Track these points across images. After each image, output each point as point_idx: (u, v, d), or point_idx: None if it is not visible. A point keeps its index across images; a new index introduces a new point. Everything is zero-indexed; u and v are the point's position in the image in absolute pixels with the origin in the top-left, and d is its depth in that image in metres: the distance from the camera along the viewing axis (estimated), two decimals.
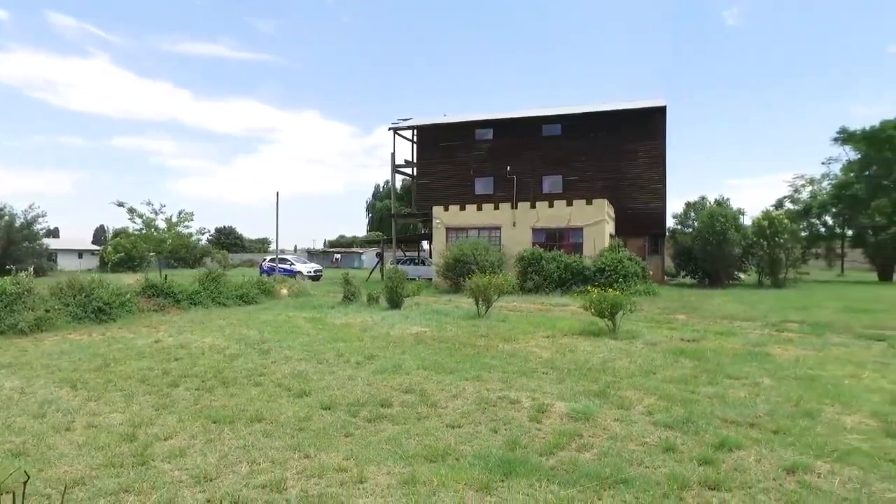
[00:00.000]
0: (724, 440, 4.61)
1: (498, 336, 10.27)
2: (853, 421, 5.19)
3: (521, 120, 30.97)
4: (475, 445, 4.62)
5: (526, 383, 6.74)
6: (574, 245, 24.05)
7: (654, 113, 28.65)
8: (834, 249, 37.39)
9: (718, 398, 5.96)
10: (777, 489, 3.74)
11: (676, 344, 9.37)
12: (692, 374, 7.11)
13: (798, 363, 7.76)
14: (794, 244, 26.11)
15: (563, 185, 29.88)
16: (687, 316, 13.50)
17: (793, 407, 5.60)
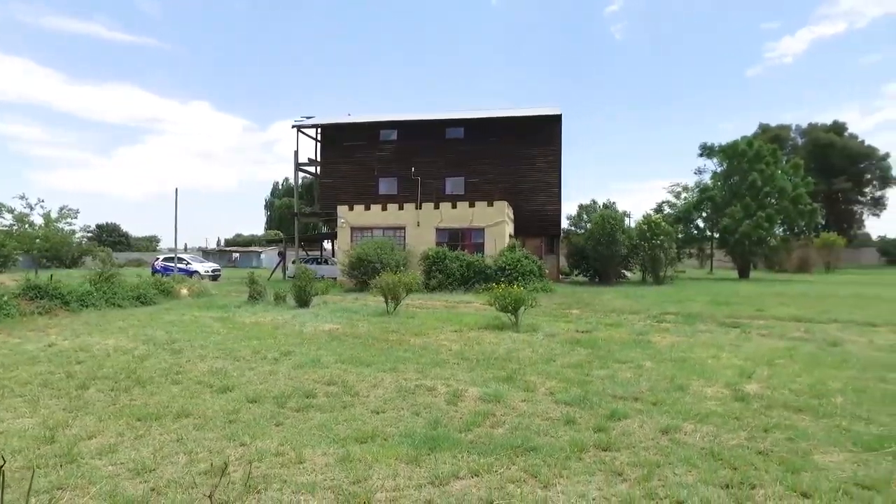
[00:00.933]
0: (614, 412, 5.42)
1: (409, 331, 10.77)
2: (712, 391, 6.24)
3: (425, 122, 31.67)
4: (400, 427, 5.08)
5: (440, 373, 7.29)
6: (476, 245, 25.09)
7: (552, 120, 30.43)
8: (704, 250, 41.57)
9: (609, 379, 6.84)
10: (654, 446, 4.55)
11: (572, 335, 10.34)
12: (586, 360, 8.01)
13: (673, 348, 8.94)
14: (671, 245, 28.80)
15: (465, 186, 30.93)
16: (581, 310, 14.73)
17: (668, 383, 6.59)
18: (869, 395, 6.05)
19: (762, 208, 32.36)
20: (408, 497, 3.66)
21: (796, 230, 38.35)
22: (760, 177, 32.83)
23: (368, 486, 3.82)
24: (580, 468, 4.12)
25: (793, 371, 7.24)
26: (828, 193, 57.91)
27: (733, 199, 33.33)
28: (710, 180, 37.35)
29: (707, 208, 35.78)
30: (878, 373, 7.10)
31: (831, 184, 57.99)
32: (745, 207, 32.12)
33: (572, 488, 3.77)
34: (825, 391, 6.20)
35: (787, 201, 33.03)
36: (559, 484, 3.85)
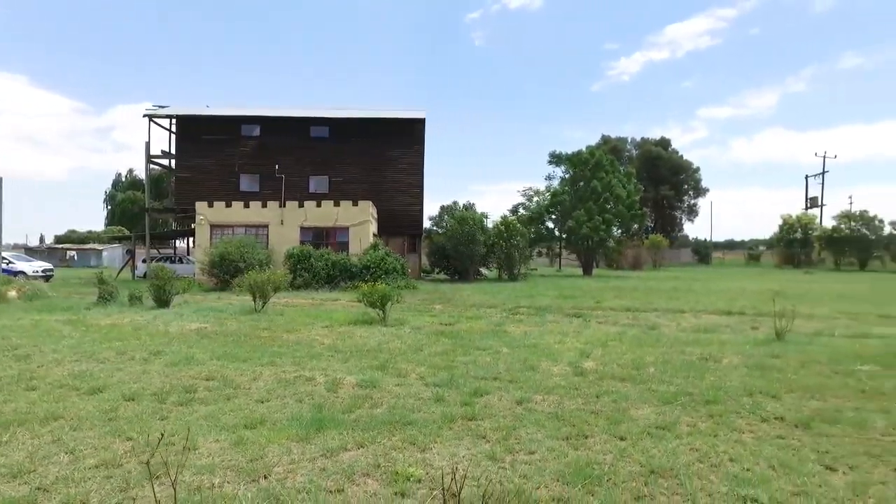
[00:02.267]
0: (477, 389, 6.26)
1: (280, 328, 10.94)
2: (558, 369, 7.36)
3: (289, 119, 31.13)
4: (286, 413, 5.47)
5: (316, 364, 7.69)
6: (341, 244, 25.32)
7: (415, 123, 31.45)
8: (553, 249, 45.36)
9: (472, 363, 7.72)
10: (511, 414, 5.42)
11: (437, 327, 11.19)
12: (451, 349, 8.85)
13: (526, 336, 10.11)
14: (524, 245, 31.15)
15: (329, 185, 30.91)
16: (443, 305, 15.72)
17: (521, 364, 7.61)
18: (672, 364, 7.55)
19: (602, 212, 36.06)
20: (304, 467, 4.13)
21: (630, 232, 43.25)
22: (601, 184, 36.55)
23: (266, 462, 4.22)
24: (451, 435, 4.84)
25: (620, 350, 8.67)
26: (655, 200, 65.73)
27: (578, 204, 36.76)
28: (559, 185, 40.78)
29: (556, 211, 39.05)
30: (681, 348, 8.78)
31: (658, 191, 65.83)
32: (588, 211, 35.61)
33: (445, 450, 4.48)
34: (642, 364, 7.60)
35: (623, 207, 37.11)
36: (434, 447, 4.54)
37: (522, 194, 44.44)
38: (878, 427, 5.04)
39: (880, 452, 4.40)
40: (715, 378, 6.82)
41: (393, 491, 3.73)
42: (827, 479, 3.96)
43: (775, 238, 53.05)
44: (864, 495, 3.71)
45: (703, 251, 64.28)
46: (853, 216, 46.04)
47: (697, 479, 3.92)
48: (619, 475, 3.98)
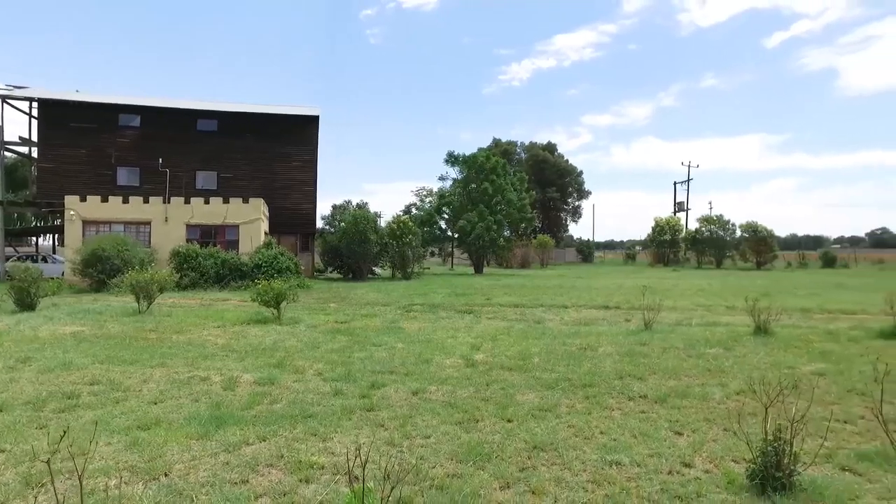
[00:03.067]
0: (374, 383, 6.52)
1: (169, 329, 10.51)
2: (450, 362, 7.80)
3: (174, 111, 29.32)
4: (183, 413, 5.42)
5: (211, 364, 7.57)
6: (230, 242, 24.39)
7: (309, 120, 30.88)
8: (446, 248, 46.38)
9: (368, 359, 7.96)
10: (407, 404, 5.74)
11: (332, 325, 11.28)
12: (347, 346, 9.02)
13: (420, 332, 10.49)
14: (418, 244, 31.64)
15: (217, 182, 29.56)
16: (338, 304, 15.75)
17: (416, 358, 7.97)
18: (555, 354, 8.26)
19: (494, 214, 37.44)
20: (206, 463, 4.18)
21: (520, 232, 45.21)
22: (492, 186, 37.92)
23: (165, 461, 4.22)
24: (351, 425, 5.08)
25: (508, 343, 9.29)
26: (543, 202, 69.05)
27: (470, 205, 37.91)
28: (452, 186, 41.79)
29: (448, 212, 40.00)
30: (563, 339, 9.57)
31: (545, 193, 69.25)
32: (481, 213, 36.84)
33: (346, 438, 4.71)
34: (528, 355, 8.24)
35: (513, 209, 38.74)
36: (335, 437, 4.75)
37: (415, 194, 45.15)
38: (716, 398, 5.94)
39: (715, 418, 5.23)
40: (591, 365, 7.56)
41: (297, 478, 3.92)
42: (675, 441, 4.67)
43: (649, 239, 57.66)
44: (701, 451, 4.45)
45: (587, 251, 68.54)
46: (712, 220, 51.20)
47: (573, 451, 4.46)
48: (506, 452, 4.43)
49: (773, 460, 3.70)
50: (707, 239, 50.33)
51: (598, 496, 3.67)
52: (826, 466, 4.19)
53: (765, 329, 10.02)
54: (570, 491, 3.75)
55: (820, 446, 4.14)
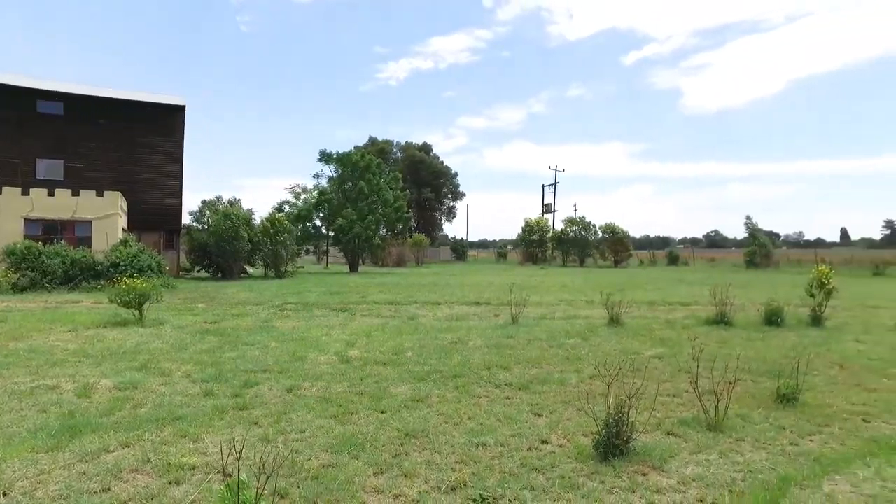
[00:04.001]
0: (247, 381, 6.42)
1: (4, 336, 9.45)
2: (325, 359, 7.85)
3: (8, 88, 25.97)
4: (26, 426, 4.96)
5: (60, 371, 6.97)
6: (82, 239, 22.19)
7: (174, 110, 28.83)
8: (321, 247, 45.52)
9: (240, 358, 7.76)
10: (282, 401, 5.74)
11: (201, 326, 10.78)
12: (218, 346, 8.71)
13: (294, 330, 10.37)
14: (292, 242, 30.81)
15: (64, 171, 26.65)
16: (207, 304, 15.00)
17: (290, 356, 7.91)
18: (427, 349, 8.60)
19: (371, 213, 37.41)
20: (58, 476, 3.91)
21: (396, 231, 45.52)
22: (368, 185, 37.87)
23: (4, 478, 3.85)
24: (223, 424, 4.99)
25: (383, 339, 9.49)
26: (418, 201, 70.07)
27: (346, 203, 37.58)
28: (327, 184, 41.11)
29: (324, 209, 39.33)
30: (435, 334, 9.97)
31: (421, 193, 70.33)
32: (358, 211, 36.65)
33: (219, 437, 4.63)
34: (401, 350, 8.50)
35: (389, 208, 38.94)
36: (207, 437, 4.66)
37: (290, 191, 43.71)
38: (572, 383, 6.59)
39: (570, 399, 5.82)
40: (462, 357, 7.98)
41: (166, 480, 3.82)
42: (535, 422, 5.15)
43: (519, 238, 60.66)
44: (557, 429, 4.96)
45: (461, 250, 70.57)
46: (576, 221, 55.10)
47: (443, 436, 4.76)
48: (379, 441, 4.62)
49: (614, 431, 4.25)
50: (571, 239, 54.01)
51: (464, 474, 3.98)
52: (656, 433, 4.86)
53: (617, 320, 11.12)
54: (439, 472, 4.03)
55: (649, 416, 4.81)
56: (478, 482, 3.86)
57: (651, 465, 4.16)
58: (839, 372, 7.42)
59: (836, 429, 5.12)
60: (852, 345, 9.37)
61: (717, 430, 4.89)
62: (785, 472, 4.08)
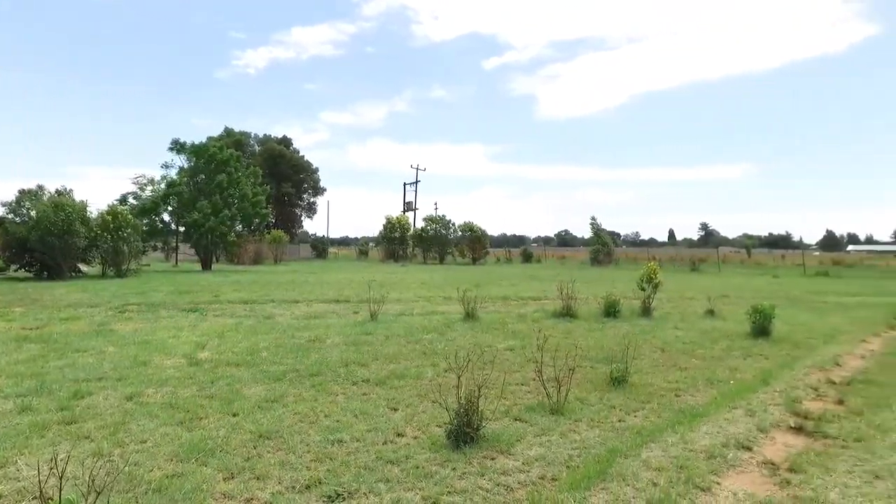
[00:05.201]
0: (77, 392, 5.79)
1: None
2: (171, 362, 7.33)
3: None
4: None
5: None
6: None
7: None
8: (170, 243, 42.03)
9: (69, 367, 6.98)
10: (120, 411, 5.27)
11: (18, 332, 9.50)
12: (40, 354, 7.74)
13: (136, 333, 9.53)
14: (136, 238, 28.15)
15: None
16: (26, 308, 13.23)
17: (131, 361, 7.27)
18: (284, 348, 8.37)
19: (227, 207, 35.30)
20: None
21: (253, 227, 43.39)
22: (227, 179, 35.70)
23: None
24: (44, 443, 4.47)
25: (236, 339, 9.06)
26: (277, 196, 67.40)
27: (200, 197, 35.13)
28: (178, 176, 38.11)
29: (173, 202, 36.44)
30: (292, 333, 9.73)
31: (280, 188, 67.77)
32: (214, 206, 34.40)
33: (37, 459, 4.14)
34: (256, 350, 8.19)
35: (247, 203, 37.01)
36: (20, 460, 4.14)
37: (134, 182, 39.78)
38: (428, 376, 6.80)
39: (426, 393, 5.99)
40: (319, 355, 7.87)
41: None
42: (391, 416, 5.26)
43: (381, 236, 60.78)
44: (412, 422, 5.11)
45: (321, 247, 69.09)
46: (436, 219, 56.47)
47: (298, 435, 4.69)
48: (231, 444, 4.44)
49: (465, 420, 4.48)
50: (432, 237, 55.28)
51: (320, 472, 3.96)
52: (505, 419, 5.20)
53: (473, 315, 11.61)
54: (294, 471, 3.97)
55: (499, 404, 5.13)
56: (333, 479, 3.87)
57: (499, 450, 4.44)
58: (661, 355, 8.44)
59: (655, 404, 5.83)
60: (672, 331, 10.66)
61: (558, 414, 5.33)
62: (612, 445, 4.58)
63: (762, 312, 10.21)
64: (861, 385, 6.81)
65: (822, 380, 7.09)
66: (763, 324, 10.17)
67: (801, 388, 6.60)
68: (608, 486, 3.81)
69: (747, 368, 7.69)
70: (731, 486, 3.88)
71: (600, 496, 3.67)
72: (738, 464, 4.30)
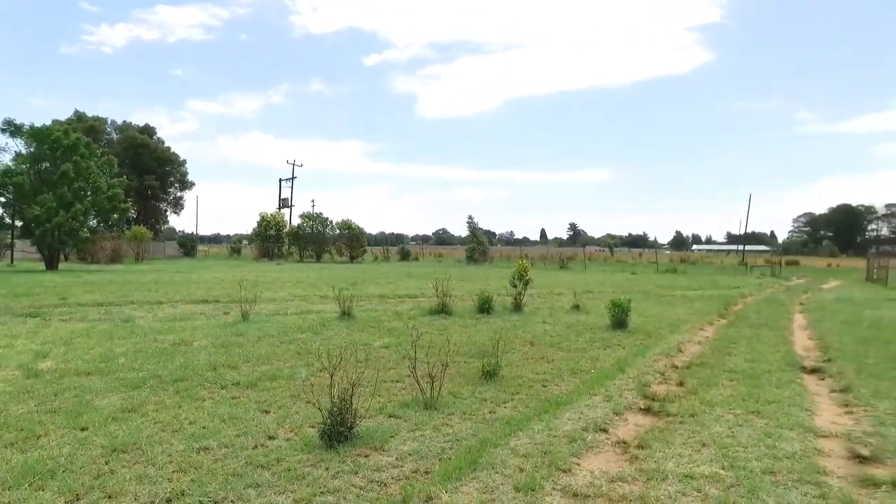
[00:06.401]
0: None
1: None
2: (3, 375, 6.50)
3: None
4: None
5: None
6: None
7: None
8: (4, 240, 37.06)
9: None
10: None
11: None
12: None
13: None
14: None
15: None
16: None
17: None
18: (144, 353, 7.75)
19: (78, 200, 31.80)
20: None
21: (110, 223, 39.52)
22: (75, 168, 32.15)
23: None
24: None
25: (88, 346, 8.23)
26: (139, 190, 62.10)
27: (43, 188, 31.36)
28: (14, 163, 33.71)
29: (8, 194, 32.22)
30: (154, 336, 9.04)
31: (143, 181, 62.46)
32: (60, 198, 30.82)
33: None
34: (112, 356, 7.50)
35: (102, 196, 33.61)
36: None
37: None
38: (302, 376, 6.64)
39: (299, 393, 5.85)
40: (184, 359, 7.39)
41: None
42: (262, 419, 5.08)
43: (255, 233, 58.15)
44: (284, 424, 4.98)
45: (189, 244, 64.60)
46: (313, 217, 55.09)
47: (159, 445, 4.37)
48: (77, 463, 4.03)
49: (338, 419, 4.44)
50: (308, 235, 53.91)
51: (183, 483, 3.73)
52: (379, 417, 5.22)
53: (349, 314, 11.50)
54: (153, 485, 3.70)
55: (373, 402, 5.15)
56: (198, 489, 3.66)
57: (373, 447, 4.45)
58: (530, 348, 8.90)
59: (523, 395, 6.15)
60: (541, 326, 11.28)
61: (432, 409, 5.44)
62: (483, 435, 4.76)
63: (620, 306, 11.12)
64: (697, 368, 7.67)
65: (667, 365, 7.87)
66: (621, 317, 11.08)
67: (651, 374, 7.28)
68: (478, 475, 3.96)
69: (606, 358, 8.35)
70: (588, 466, 4.20)
71: (471, 485, 3.81)
72: (595, 445, 4.67)
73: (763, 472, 4.10)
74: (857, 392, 6.44)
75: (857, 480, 4.04)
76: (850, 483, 4.00)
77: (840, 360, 8.19)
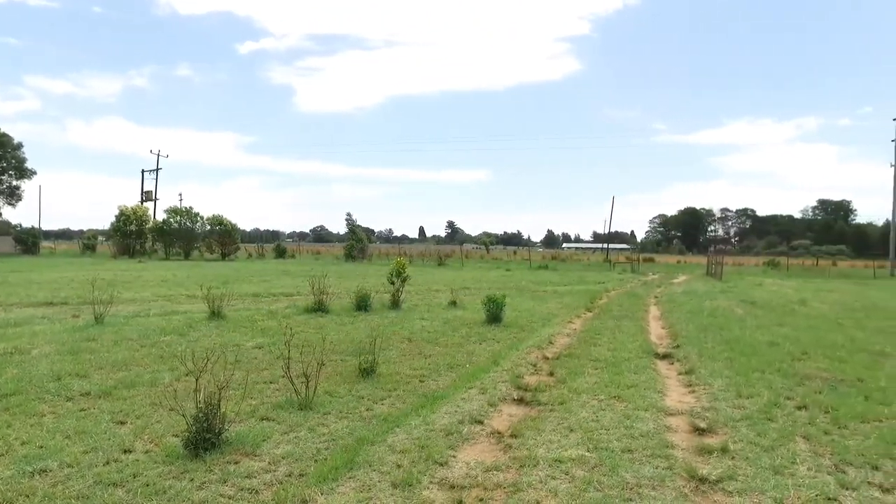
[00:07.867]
0: None
1: None
2: None
3: None
4: None
5: None
6: None
7: None
8: None
9: None
10: None
11: None
12: None
13: None
14: None
15: None
16: None
17: None
18: None
19: None
20: None
21: None
22: None
23: None
24: None
25: None
26: None
27: None
28: None
29: None
30: None
31: None
32: None
33: None
34: None
35: None
36: None
37: None
38: (165, 382, 6.15)
39: (161, 401, 5.40)
40: (19, 370, 6.52)
41: None
42: (116, 431, 4.63)
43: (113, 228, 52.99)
44: (143, 434, 4.56)
45: (30, 240, 57.42)
46: (181, 211, 51.25)
47: None
48: None
49: (205, 425, 4.15)
50: (176, 230, 50.14)
51: None
52: (251, 420, 4.97)
53: (219, 314, 10.83)
54: None
55: (243, 405, 4.88)
56: None
57: (244, 452, 4.22)
58: (408, 345, 8.93)
59: (401, 391, 6.15)
60: (419, 322, 11.37)
61: (307, 409, 5.27)
62: (360, 434, 4.70)
63: (495, 302, 11.51)
64: (566, 358, 8.14)
65: (539, 357, 8.27)
66: (496, 312, 11.47)
67: (524, 366, 7.60)
68: (355, 474, 3.89)
69: (482, 352, 8.59)
70: (464, 458, 4.29)
71: (348, 485, 3.73)
72: (471, 437, 4.78)
73: (622, 450, 4.44)
74: (698, 373, 7.19)
75: (695, 450, 4.52)
76: (691, 453, 4.47)
77: (685, 346, 9.11)
